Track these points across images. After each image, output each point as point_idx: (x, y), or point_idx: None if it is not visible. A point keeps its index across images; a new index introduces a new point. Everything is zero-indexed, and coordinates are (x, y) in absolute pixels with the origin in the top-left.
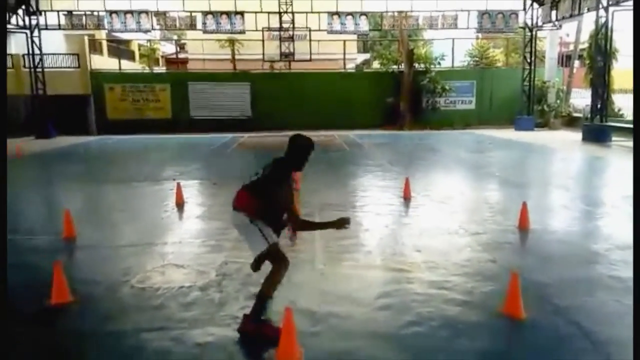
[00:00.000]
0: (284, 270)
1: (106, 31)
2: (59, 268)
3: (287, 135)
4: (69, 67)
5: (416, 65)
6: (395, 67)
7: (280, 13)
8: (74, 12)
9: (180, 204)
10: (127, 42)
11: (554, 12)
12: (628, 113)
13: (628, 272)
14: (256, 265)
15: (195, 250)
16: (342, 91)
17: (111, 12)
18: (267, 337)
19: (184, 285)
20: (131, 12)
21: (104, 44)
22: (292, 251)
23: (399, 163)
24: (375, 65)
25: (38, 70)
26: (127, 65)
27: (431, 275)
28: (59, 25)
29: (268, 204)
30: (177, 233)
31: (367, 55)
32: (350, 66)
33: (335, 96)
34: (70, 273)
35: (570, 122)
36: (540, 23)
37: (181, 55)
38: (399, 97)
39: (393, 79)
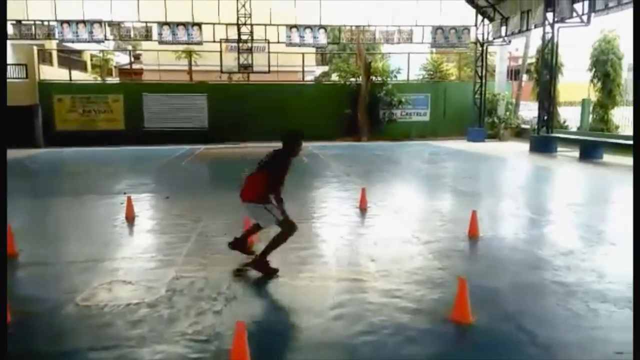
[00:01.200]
0: (290, 235)
1: (57, 41)
2: None
3: (245, 147)
4: (16, 78)
5: (373, 78)
6: (353, 79)
7: (238, 25)
8: (23, 22)
9: (130, 219)
10: (79, 53)
11: (503, 28)
12: (572, 125)
13: (571, 278)
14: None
15: (144, 265)
16: (301, 103)
17: (62, 22)
18: (270, 271)
19: (131, 302)
20: (84, 22)
21: (54, 54)
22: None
23: (356, 174)
24: (334, 77)
25: None
26: (79, 76)
27: (384, 284)
28: (7, 35)
29: (276, 179)
30: (126, 248)
31: (325, 68)
32: (309, 78)
33: (293, 108)
34: (10, 292)
35: (519, 133)
36: (490, 38)
37: (136, 66)
38: (356, 109)
39: (351, 91)
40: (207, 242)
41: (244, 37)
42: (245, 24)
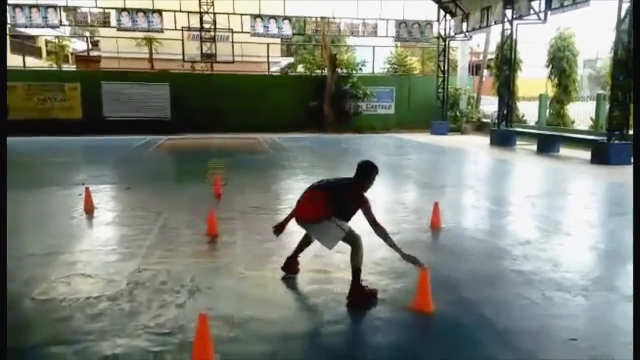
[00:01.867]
0: (361, 244)
1: (9, 26)
2: None
3: (209, 138)
4: None
5: (339, 70)
6: (318, 71)
7: (201, 13)
8: None
9: (89, 210)
10: (33, 38)
11: (464, 24)
12: (531, 119)
13: (528, 266)
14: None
15: (104, 258)
16: (266, 94)
17: (15, 6)
18: (373, 297)
19: (91, 296)
20: (37, 6)
21: (7, 39)
22: (211, 256)
23: (322, 165)
24: (300, 69)
25: None
26: (33, 63)
27: (349, 275)
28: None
29: (338, 214)
30: (86, 241)
31: (291, 59)
32: (275, 69)
33: (259, 99)
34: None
35: (480, 127)
36: (452, 34)
37: (94, 53)
38: (322, 101)
39: (317, 83)
40: (169, 235)
41: (206, 26)
42: (207, 12)
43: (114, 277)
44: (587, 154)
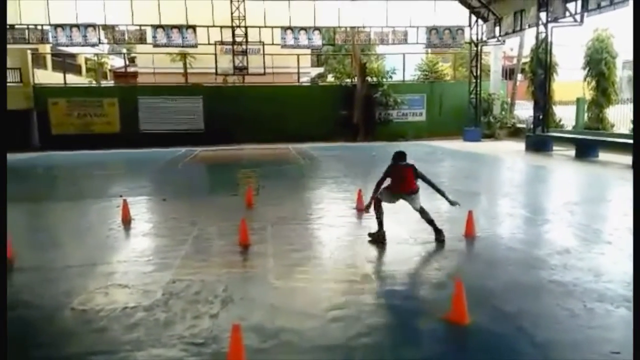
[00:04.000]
0: None
1: (50, 45)
2: None
3: (241, 149)
4: (10, 82)
5: (369, 78)
6: (348, 80)
7: (233, 27)
8: (16, 26)
9: (126, 222)
10: (74, 56)
11: (497, 28)
12: (568, 124)
13: (568, 277)
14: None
15: (141, 269)
16: (297, 104)
17: (56, 26)
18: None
19: (128, 306)
20: (77, 25)
21: (49, 58)
22: (244, 267)
23: (352, 175)
24: (329, 78)
25: None
26: (74, 79)
27: (381, 285)
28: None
29: None
30: (123, 252)
31: (321, 69)
32: (305, 80)
33: (289, 109)
34: (7, 296)
35: (515, 132)
36: (485, 38)
37: (131, 69)
38: (352, 110)
39: (347, 92)
40: (203, 245)
41: (238, 39)
42: (239, 26)
43: (150, 287)
44: (628, 159)
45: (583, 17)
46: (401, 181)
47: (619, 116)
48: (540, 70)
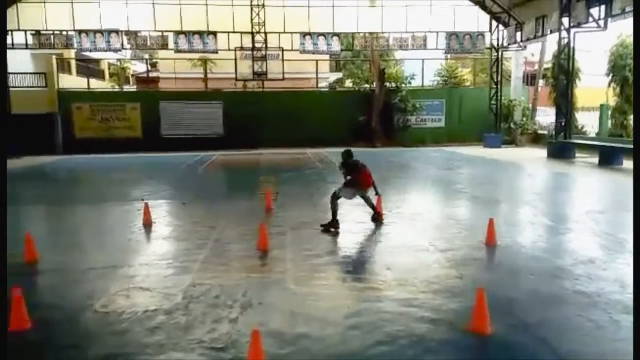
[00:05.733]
0: None
1: (75, 50)
2: (17, 293)
3: (260, 153)
4: (36, 87)
5: (387, 84)
6: (367, 85)
7: (252, 33)
8: (41, 32)
9: (148, 225)
10: (97, 61)
11: (518, 34)
12: (591, 130)
13: (592, 287)
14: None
15: (161, 272)
16: (315, 109)
17: (80, 32)
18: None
19: (149, 309)
20: (101, 31)
21: (73, 63)
22: (262, 271)
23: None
24: (348, 84)
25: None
26: (97, 84)
27: (400, 292)
28: (26, 44)
29: None
30: (144, 255)
31: (339, 74)
32: (323, 85)
33: (308, 114)
34: (30, 298)
35: (536, 139)
36: (505, 44)
37: (152, 74)
38: (371, 115)
39: (365, 97)
40: (222, 249)
41: (258, 45)
42: (259, 32)
43: (170, 290)
44: None
45: (607, 22)
46: (364, 179)
47: None
48: (562, 76)
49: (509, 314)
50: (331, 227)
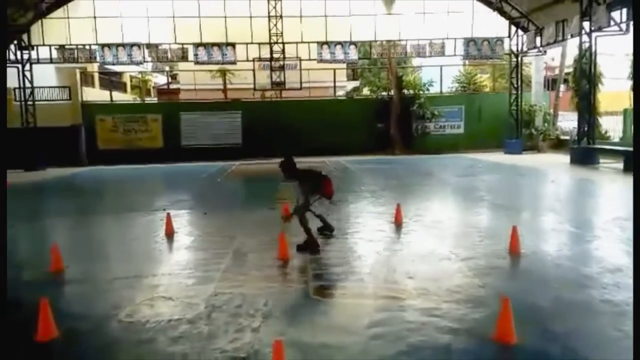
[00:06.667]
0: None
1: (98, 64)
2: (45, 303)
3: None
4: (60, 100)
5: (405, 91)
6: (384, 93)
7: (270, 44)
8: (66, 46)
9: (170, 235)
10: (119, 74)
11: (538, 38)
12: (614, 135)
13: (620, 296)
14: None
15: (184, 281)
16: (333, 118)
17: (103, 46)
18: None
19: (172, 319)
20: (123, 45)
21: (96, 76)
22: (283, 281)
23: (390, 188)
24: (365, 92)
25: (29, 103)
26: (119, 97)
27: (423, 302)
28: (51, 59)
29: None
30: (167, 264)
31: (356, 83)
32: (341, 93)
33: (326, 123)
34: (57, 308)
35: (558, 144)
36: (525, 49)
37: (173, 86)
38: (389, 123)
39: (383, 105)
40: (243, 259)
41: (276, 56)
42: (277, 43)
43: (193, 300)
44: None
45: (629, 25)
46: (330, 188)
47: None
48: (584, 80)
49: (535, 323)
50: (308, 249)
